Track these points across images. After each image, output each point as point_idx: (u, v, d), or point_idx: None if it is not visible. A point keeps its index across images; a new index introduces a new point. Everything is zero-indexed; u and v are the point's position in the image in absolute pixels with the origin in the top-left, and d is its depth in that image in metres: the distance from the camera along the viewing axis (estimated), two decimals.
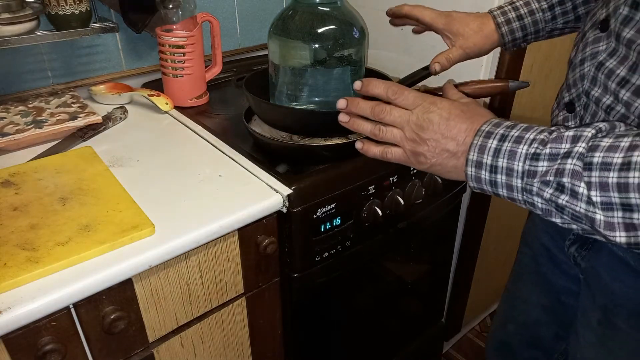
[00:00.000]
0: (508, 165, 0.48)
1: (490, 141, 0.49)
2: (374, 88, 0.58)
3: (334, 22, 0.78)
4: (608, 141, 0.43)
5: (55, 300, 0.52)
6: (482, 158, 0.49)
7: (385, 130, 0.57)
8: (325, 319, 0.91)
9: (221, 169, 0.76)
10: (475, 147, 0.50)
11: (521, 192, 0.48)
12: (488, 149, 0.49)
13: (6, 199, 0.64)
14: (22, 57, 0.92)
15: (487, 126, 0.51)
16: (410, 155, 0.56)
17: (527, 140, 0.47)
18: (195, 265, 0.66)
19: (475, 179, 0.51)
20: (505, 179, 0.48)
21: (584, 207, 0.43)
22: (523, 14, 0.78)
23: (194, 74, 0.96)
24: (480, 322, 1.65)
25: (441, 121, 0.53)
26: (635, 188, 0.40)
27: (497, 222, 1.34)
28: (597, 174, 0.42)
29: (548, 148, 0.45)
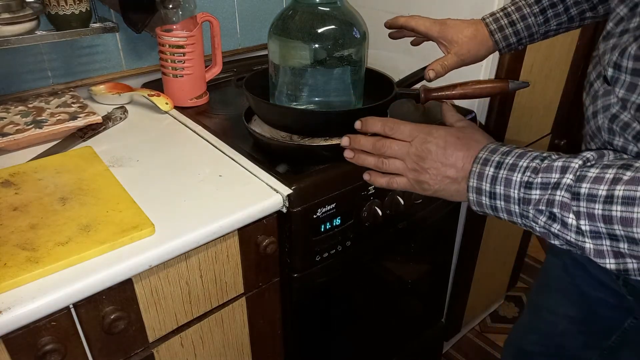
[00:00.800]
0: (505, 192, 0.50)
1: (487, 168, 0.52)
2: (371, 126, 0.64)
3: (334, 22, 0.78)
4: (594, 172, 0.45)
5: (55, 300, 0.52)
6: (481, 185, 0.52)
7: (388, 163, 0.61)
8: (325, 319, 0.91)
9: (221, 169, 0.76)
10: (474, 174, 0.53)
11: (519, 217, 0.50)
12: (486, 176, 0.52)
13: (6, 199, 0.64)
14: (22, 57, 0.92)
15: (484, 153, 0.53)
16: (415, 184, 0.59)
17: (521, 168, 0.49)
18: (195, 265, 0.66)
19: (477, 203, 0.54)
20: (504, 204, 0.51)
21: (574, 237, 0.46)
22: (515, 20, 0.78)
23: (194, 74, 0.96)
24: (480, 322, 1.65)
25: (438, 150, 0.56)
26: (618, 220, 0.42)
27: (497, 222, 1.34)
28: (584, 204, 0.44)
29: (539, 177, 0.48)
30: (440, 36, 0.80)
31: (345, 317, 0.96)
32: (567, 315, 0.78)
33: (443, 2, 1.04)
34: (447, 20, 0.82)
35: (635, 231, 0.41)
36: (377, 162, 0.62)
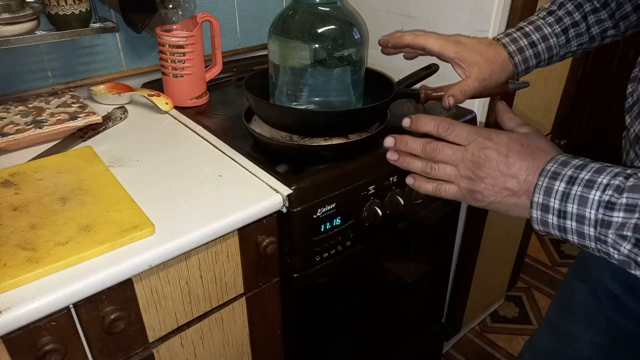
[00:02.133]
0: (579, 211, 0.44)
1: (557, 183, 0.45)
2: (423, 125, 0.55)
3: (334, 22, 0.78)
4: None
5: (55, 300, 0.52)
6: (549, 202, 0.45)
7: (438, 168, 0.54)
8: (325, 319, 0.91)
9: (221, 169, 0.76)
10: (540, 188, 0.46)
11: (594, 241, 0.44)
12: (555, 192, 0.45)
13: (6, 199, 0.64)
14: (22, 57, 0.92)
15: (553, 165, 0.46)
16: (466, 193, 0.53)
17: (600, 185, 0.43)
18: (195, 265, 0.66)
19: (542, 222, 0.47)
20: (575, 225, 0.44)
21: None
22: (536, 40, 0.72)
23: (194, 74, 0.96)
24: (480, 322, 1.65)
25: (499, 158, 0.49)
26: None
27: (497, 222, 1.34)
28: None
29: (624, 197, 0.41)
30: (457, 57, 0.71)
31: (345, 317, 0.96)
32: (594, 342, 0.73)
33: (443, 2, 1.04)
34: (461, 38, 0.73)
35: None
36: (426, 166, 0.55)
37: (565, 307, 0.78)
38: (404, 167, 0.58)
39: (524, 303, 1.73)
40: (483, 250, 1.35)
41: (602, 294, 0.70)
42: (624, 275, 0.65)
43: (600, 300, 0.70)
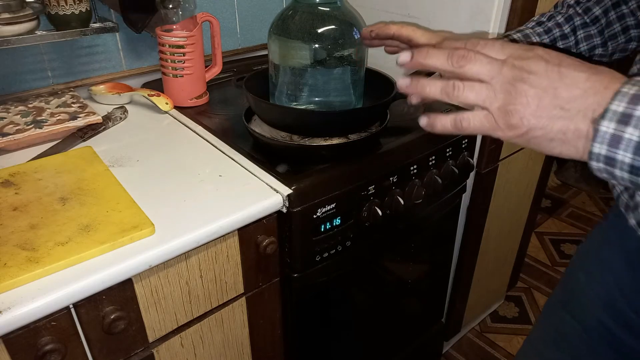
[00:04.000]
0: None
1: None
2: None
3: (334, 22, 0.78)
4: None
5: (55, 300, 0.52)
6: (634, 110, 0.34)
7: (463, 87, 0.41)
8: (325, 319, 0.91)
9: (221, 169, 0.76)
10: (624, 95, 0.34)
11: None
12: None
13: (6, 199, 0.64)
14: (22, 57, 0.92)
15: (632, 87, 0.35)
16: (499, 117, 0.39)
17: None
18: (195, 265, 0.66)
19: (612, 140, 0.35)
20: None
21: None
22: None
23: (194, 74, 0.96)
24: (480, 322, 1.65)
25: (549, 68, 0.37)
26: None
27: (497, 222, 1.34)
28: None
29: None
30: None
31: (345, 317, 0.96)
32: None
33: (443, 2, 1.04)
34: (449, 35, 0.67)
35: None
36: (447, 86, 0.42)
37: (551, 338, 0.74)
38: (419, 91, 0.45)
39: (524, 303, 1.73)
40: (483, 250, 1.35)
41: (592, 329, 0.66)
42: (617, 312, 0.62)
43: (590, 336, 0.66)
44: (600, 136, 0.35)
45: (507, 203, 1.34)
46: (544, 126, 0.37)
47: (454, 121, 0.44)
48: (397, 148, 0.84)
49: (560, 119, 0.37)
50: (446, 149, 0.93)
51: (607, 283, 0.62)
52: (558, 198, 2.35)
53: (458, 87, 0.41)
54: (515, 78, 0.38)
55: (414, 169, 0.87)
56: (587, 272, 0.67)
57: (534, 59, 0.38)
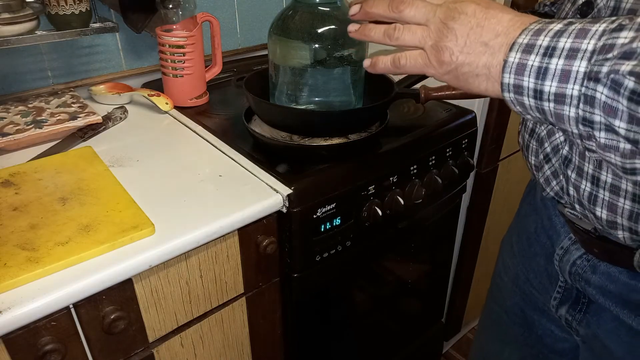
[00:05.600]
0: (573, 44, 0.35)
1: (553, 25, 0.37)
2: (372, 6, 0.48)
3: (334, 22, 0.78)
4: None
5: (55, 300, 0.52)
6: (537, 40, 0.37)
7: (402, 29, 0.45)
8: (325, 319, 0.91)
9: (221, 169, 0.76)
10: (529, 31, 0.38)
11: (580, 80, 0.35)
12: (549, 30, 0.37)
13: (6, 199, 0.64)
14: (22, 57, 0.92)
15: (545, 19, 0.39)
16: (431, 54, 0.43)
17: (609, 19, 0.35)
18: (195, 265, 0.66)
19: (517, 67, 0.38)
20: (562, 63, 0.35)
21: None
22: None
23: (194, 74, 0.96)
24: None
25: (477, 9, 0.41)
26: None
27: (497, 222, 1.34)
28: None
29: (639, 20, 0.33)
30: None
31: (345, 317, 0.96)
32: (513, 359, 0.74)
33: None
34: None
35: None
36: (388, 29, 0.46)
37: (486, 327, 0.80)
38: (365, 35, 0.50)
39: None
40: (483, 250, 1.35)
41: (510, 311, 0.71)
42: (520, 288, 0.67)
43: (511, 319, 0.71)
44: (508, 66, 0.38)
45: (507, 203, 1.34)
46: (470, 62, 0.41)
47: (392, 60, 0.48)
48: (397, 148, 0.84)
49: (485, 54, 0.40)
50: (446, 149, 0.93)
51: (515, 266, 0.69)
52: None
53: (398, 29, 0.46)
54: (447, 17, 0.42)
55: (414, 169, 0.87)
56: (502, 260, 0.74)
57: (466, 2, 0.42)
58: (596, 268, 0.53)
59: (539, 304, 0.65)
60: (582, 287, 0.56)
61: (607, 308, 0.53)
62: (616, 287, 0.51)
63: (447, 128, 0.92)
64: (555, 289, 0.60)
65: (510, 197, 1.34)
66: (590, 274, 0.54)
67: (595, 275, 0.54)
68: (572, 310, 0.59)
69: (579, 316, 0.58)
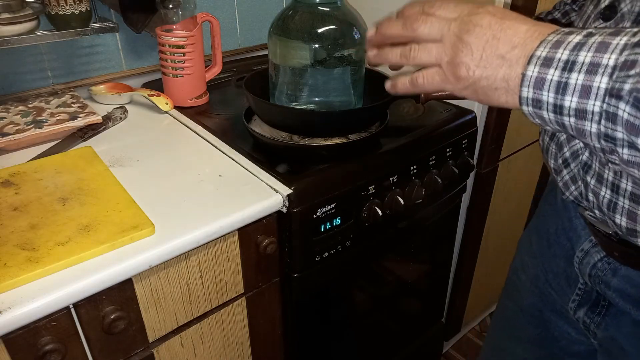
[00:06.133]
0: (594, 59, 0.34)
1: (572, 36, 0.36)
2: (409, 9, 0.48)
3: (334, 22, 0.78)
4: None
5: (55, 300, 0.52)
6: (556, 53, 0.36)
7: (418, 48, 0.45)
8: (325, 319, 0.91)
9: (221, 169, 0.76)
10: (548, 42, 0.37)
11: (602, 96, 0.34)
12: (568, 42, 0.36)
13: (6, 199, 0.64)
14: (22, 57, 0.92)
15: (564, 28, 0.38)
16: (448, 70, 0.43)
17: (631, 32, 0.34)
18: (195, 265, 0.66)
19: (537, 82, 0.37)
20: (583, 78, 0.34)
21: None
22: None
23: (194, 74, 0.96)
24: (480, 322, 1.65)
25: (493, 21, 0.40)
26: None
27: (497, 222, 1.34)
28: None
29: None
30: None
31: (345, 317, 0.96)
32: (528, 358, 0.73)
33: None
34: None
35: None
36: (404, 51, 0.46)
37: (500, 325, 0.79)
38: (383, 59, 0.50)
39: None
40: (483, 250, 1.35)
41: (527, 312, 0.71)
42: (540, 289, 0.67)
43: (526, 319, 0.71)
44: (527, 80, 0.37)
45: (507, 203, 1.34)
46: (488, 75, 0.40)
47: (410, 80, 0.48)
48: (397, 148, 0.84)
49: (503, 67, 0.39)
50: (446, 149, 0.93)
51: (535, 267, 0.68)
52: None
53: (414, 49, 0.45)
54: (462, 31, 0.41)
55: (414, 169, 0.87)
56: (521, 258, 0.73)
57: (481, 14, 0.41)
58: (616, 271, 0.53)
59: (557, 305, 0.64)
60: (601, 290, 0.55)
61: (626, 311, 0.53)
62: (636, 290, 0.51)
63: (447, 128, 0.92)
64: (575, 291, 0.60)
65: (510, 197, 1.34)
66: (610, 277, 0.53)
67: (616, 279, 0.53)
68: (590, 312, 0.58)
69: (597, 319, 0.58)
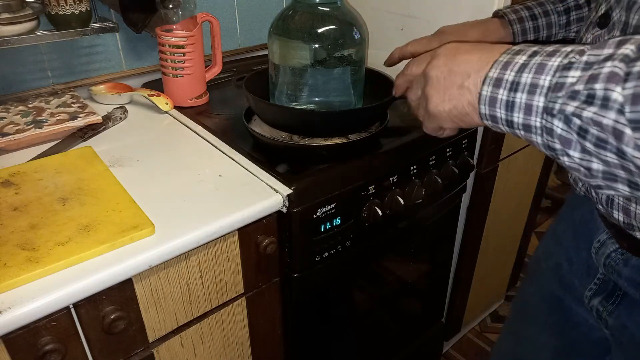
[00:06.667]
0: (533, 80, 0.40)
1: (519, 57, 0.42)
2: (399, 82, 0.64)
3: (334, 22, 0.78)
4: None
5: (55, 300, 0.52)
6: (504, 74, 0.42)
7: (414, 106, 0.57)
8: (325, 319, 0.91)
9: (221, 169, 0.76)
10: (498, 63, 0.43)
11: (540, 114, 0.40)
12: (514, 63, 0.42)
13: (6, 199, 0.64)
14: (22, 57, 0.92)
15: (515, 47, 0.44)
16: (426, 116, 0.52)
17: (564, 52, 0.39)
18: (195, 265, 0.66)
19: (490, 100, 0.43)
20: (525, 97, 0.41)
21: (614, 118, 0.34)
22: (537, 14, 0.73)
23: (194, 74, 0.96)
24: (480, 322, 1.65)
25: (447, 60, 0.47)
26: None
27: (497, 222, 1.34)
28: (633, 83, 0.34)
29: (586, 56, 0.37)
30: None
31: (345, 317, 0.96)
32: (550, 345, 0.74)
33: (443, 2, 1.04)
34: (445, 28, 0.77)
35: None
36: (413, 109, 0.58)
37: (521, 312, 0.80)
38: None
39: None
40: (483, 250, 1.35)
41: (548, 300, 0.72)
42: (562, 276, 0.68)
43: (547, 306, 0.72)
44: (483, 99, 0.44)
45: (507, 203, 1.34)
46: (456, 105, 0.47)
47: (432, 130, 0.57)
48: (397, 148, 0.84)
49: (465, 94, 0.46)
50: (446, 149, 0.93)
51: (558, 254, 0.70)
52: (558, 198, 2.35)
53: (412, 108, 0.58)
54: (425, 85, 0.50)
55: (414, 169, 0.87)
56: (544, 247, 0.75)
57: (436, 58, 0.49)
58: (628, 261, 0.55)
59: (578, 293, 0.66)
60: (615, 278, 0.58)
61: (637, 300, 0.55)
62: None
63: None
64: (594, 280, 0.62)
65: (510, 197, 1.34)
66: (622, 267, 0.56)
67: (627, 268, 0.56)
68: (604, 301, 0.60)
69: (610, 307, 0.60)
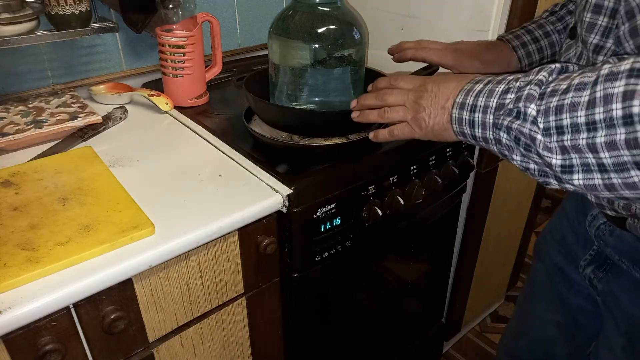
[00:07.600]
0: (485, 102, 0.52)
1: (477, 85, 0.54)
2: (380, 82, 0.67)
3: (334, 22, 0.78)
4: (566, 76, 0.46)
5: (55, 300, 0.52)
6: (466, 99, 0.54)
7: (390, 111, 0.63)
8: (325, 319, 0.91)
9: (221, 169, 0.76)
10: (463, 91, 0.55)
11: (492, 128, 0.51)
12: (473, 91, 0.53)
13: (6, 199, 0.64)
14: (22, 57, 0.92)
15: (477, 77, 0.55)
16: (413, 124, 0.61)
17: (507, 80, 0.51)
18: (195, 265, 0.66)
19: (458, 120, 0.55)
20: (481, 116, 0.52)
21: (529, 127, 0.46)
22: (538, 37, 0.76)
23: (194, 74, 0.96)
24: (480, 322, 1.65)
25: (434, 86, 0.58)
26: (567, 108, 0.43)
27: (497, 222, 1.34)
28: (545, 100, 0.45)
29: (518, 82, 0.49)
30: (456, 64, 0.78)
31: (345, 317, 0.96)
32: (554, 320, 0.78)
33: (443, 2, 1.04)
34: (460, 45, 0.79)
35: (578, 115, 0.42)
36: (380, 111, 0.64)
37: (530, 290, 0.85)
38: (364, 119, 0.68)
39: None
40: (483, 250, 1.35)
41: (552, 270, 0.77)
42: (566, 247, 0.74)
43: (551, 277, 0.78)
44: (453, 119, 0.56)
45: (507, 203, 1.34)
46: (438, 122, 0.58)
47: (388, 132, 0.65)
48: (397, 148, 0.84)
49: (445, 114, 0.57)
50: (446, 149, 0.93)
51: (563, 227, 0.76)
52: (558, 198, 2.35)
53: (387, 111, 0.64)
54: (417, 97, 0.60)
55: (414, 169, 0.87)
56: (552, 223, 0.81)
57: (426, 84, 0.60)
58: (613, 232, 0.63)
59: (577, 263, 0.71)
60: (603, 248, 0.65)
61: (623, 267, 0.61)
62: (625, 247, 0.61)
63: None
64: (589, 251, 0.69)
65: (510, 197, 1.34)
66: (608, 237, 0.63)
67: (612, 238, 0.63)
68: (596, 270, 0.67)
69: (600, 275, 0.66)
